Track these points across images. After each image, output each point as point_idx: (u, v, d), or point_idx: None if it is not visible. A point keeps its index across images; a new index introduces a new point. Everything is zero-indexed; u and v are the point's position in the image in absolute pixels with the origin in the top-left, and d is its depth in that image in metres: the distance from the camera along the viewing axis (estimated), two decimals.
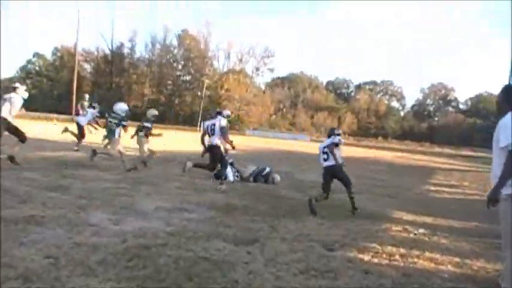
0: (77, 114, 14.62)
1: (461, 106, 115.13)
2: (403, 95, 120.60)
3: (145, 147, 14.11)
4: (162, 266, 4.88)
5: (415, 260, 6.06)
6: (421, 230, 8.06)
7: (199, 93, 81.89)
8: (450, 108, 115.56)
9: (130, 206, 7.89)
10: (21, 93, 11.54)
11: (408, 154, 51.94)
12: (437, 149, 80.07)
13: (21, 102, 11.46)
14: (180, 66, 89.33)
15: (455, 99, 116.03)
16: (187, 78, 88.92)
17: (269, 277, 4.83)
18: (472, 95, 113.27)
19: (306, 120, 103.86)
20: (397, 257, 6.12)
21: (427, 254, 6.41)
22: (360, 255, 6.01)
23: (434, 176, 22.08)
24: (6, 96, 11.28)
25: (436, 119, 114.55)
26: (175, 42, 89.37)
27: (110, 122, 12.74)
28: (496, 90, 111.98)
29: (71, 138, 17.73)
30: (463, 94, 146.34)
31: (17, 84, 11.78)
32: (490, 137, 4.82)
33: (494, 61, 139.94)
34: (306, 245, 6.27)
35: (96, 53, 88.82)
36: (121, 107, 12.94)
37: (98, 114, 17.96)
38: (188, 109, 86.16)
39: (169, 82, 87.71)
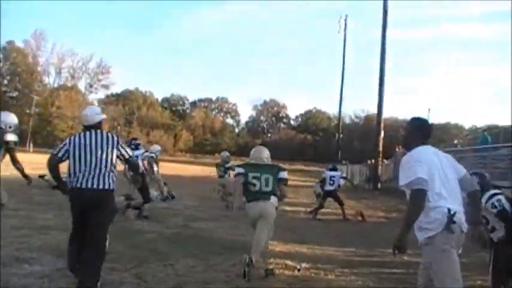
0: None
1: (292, 122, 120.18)
2: (238, 112, 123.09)
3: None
4: None
5: None
6: (304, 265, 7.25)
7: (28, 111, 76.01)
8: (282, 125, 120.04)
9: None
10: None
11: None
12: None
13: None
14: (5, 82, 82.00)
15: (287, 115, 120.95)
16: (14, 94, 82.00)
17: None
18: (302, 111, 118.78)
19: (142, 137, 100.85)
20: None
21: None
22: None
23: None
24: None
25: (269, 135, 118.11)
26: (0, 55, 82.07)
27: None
28: (323, 106, 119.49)
29: None
30: (294, 110, 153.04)
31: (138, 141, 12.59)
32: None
33: (323, 78, 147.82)
34: None
35: None
36: (156, 147, 13.72)
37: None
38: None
39: None
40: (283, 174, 6.59)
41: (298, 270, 6.96)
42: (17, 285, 5.19)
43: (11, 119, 6.90)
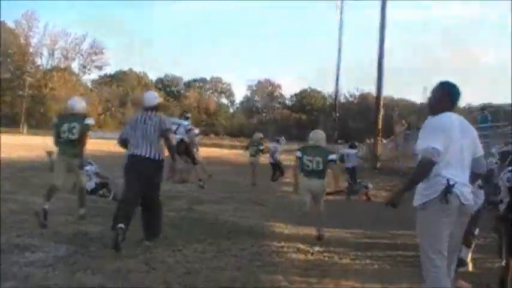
0: None
1: (287, 102, 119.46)
2: (232, 92, 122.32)
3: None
4: None
5: None
6: (316, 248, 7.03)
7: (20, 93, 75.23)
8: (277, 105, 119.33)
9: None
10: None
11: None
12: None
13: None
14: None
15: (282, 95, 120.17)
16: (7, 76, 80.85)
17: None
18: (297, 91, 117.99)
19: None
20: None
21: (344, 283, 5.34)
22: None
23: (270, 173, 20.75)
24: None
25: (264, 114, 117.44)
26: None
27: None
28: (318, 85, 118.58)
29: None
30: (289, 90, 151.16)
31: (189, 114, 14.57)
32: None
33: (318, 56, 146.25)
34: None
35: None
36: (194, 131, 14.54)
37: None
38: (8, 110, 78.69)
39: None
40: (332, 157, 8.06)
41: (312, 254, 6.75)
42: (19, 275, 4.89)
43: (84, 104, 8.05)
